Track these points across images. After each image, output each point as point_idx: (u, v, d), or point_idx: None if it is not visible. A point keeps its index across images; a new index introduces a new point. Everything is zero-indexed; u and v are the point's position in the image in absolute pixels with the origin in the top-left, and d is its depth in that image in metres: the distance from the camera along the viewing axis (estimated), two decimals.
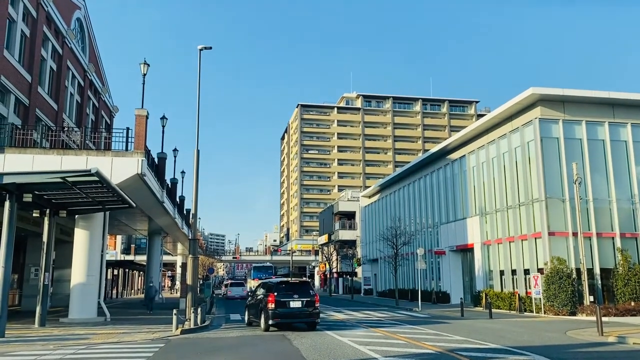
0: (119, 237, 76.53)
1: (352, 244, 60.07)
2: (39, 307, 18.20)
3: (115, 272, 47.17)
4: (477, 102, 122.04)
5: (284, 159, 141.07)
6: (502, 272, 29.24)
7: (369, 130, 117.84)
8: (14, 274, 24.94)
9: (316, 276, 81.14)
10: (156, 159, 26.61)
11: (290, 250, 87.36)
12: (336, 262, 58.40)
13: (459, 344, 13.25)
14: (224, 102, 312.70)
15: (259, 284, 20.92)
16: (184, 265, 28.49)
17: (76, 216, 20.86)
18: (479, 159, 32.22)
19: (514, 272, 28.08)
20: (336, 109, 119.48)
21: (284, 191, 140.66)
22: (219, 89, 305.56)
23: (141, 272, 58.12)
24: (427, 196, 39.77)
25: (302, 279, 21.27)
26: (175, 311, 17.03)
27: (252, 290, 32.04)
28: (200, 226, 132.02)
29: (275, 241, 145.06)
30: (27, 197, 15.91)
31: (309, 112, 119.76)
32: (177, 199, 38.78)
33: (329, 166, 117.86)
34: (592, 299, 23.86)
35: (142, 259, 60.94)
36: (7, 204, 15.39)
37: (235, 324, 19.92)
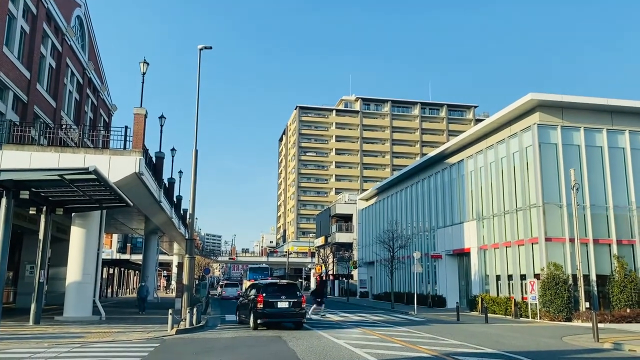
0: (115, 236, 76.14)
1: (348, 246, 60.02)
2: (33, 305, 18.11)
3: (110, 270, 47.06)
4: (475, 106, 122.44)
5: (281, 160, 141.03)
6: (498, 277, 29.25)
7: (367, 133, 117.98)
8: (9, 271, 24.82)
9: (312, 278, 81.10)
10: (154, 158, 26.58)
11: (286, 251, 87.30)
12: (332, 265, 58.36)
13: (454, 348, 13.25)
14: (222, 102, 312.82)
15: (250, 285, 21.67)
16: (180, 265, 28.35)
17: (73, 214, 20.77)
18: (477, 164, 32.26)
19: (510, 277, 28.11)
20: (335, 112, 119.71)
21: (281, 193, 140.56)
22: (218, 89, 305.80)
23: (137, 272, 57.94)
24: (424, 200, 39.81)
25: (289, 280, 21.68)
26: (170, 311, 16.98)
27: (245, 290, 32.11)
28: (197, 226, 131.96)
29: (271, 242, 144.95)
30: (24, 194, 15.88)
31: (308, 114, 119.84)
32: (175, 199, 38.73)
33: (326, 168, 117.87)
34: (588, 305, 23.94)
35: (137, 258, 60.79)
36: (4, 200, 15.35)
37: (230, 325, 19.94)
